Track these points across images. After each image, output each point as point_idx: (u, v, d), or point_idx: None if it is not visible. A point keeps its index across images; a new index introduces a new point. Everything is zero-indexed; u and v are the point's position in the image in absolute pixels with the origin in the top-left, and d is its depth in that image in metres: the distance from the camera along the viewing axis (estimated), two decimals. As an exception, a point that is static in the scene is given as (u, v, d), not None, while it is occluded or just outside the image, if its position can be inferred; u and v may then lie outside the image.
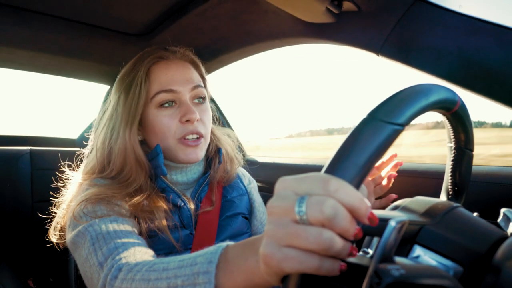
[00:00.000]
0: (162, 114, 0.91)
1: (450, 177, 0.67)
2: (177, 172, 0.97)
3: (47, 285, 1.72)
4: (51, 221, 0.95)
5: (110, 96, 1.00)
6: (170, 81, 0.92)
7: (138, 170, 0.89)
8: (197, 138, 0.93)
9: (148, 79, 0.92)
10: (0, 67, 1.36)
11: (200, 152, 0.94)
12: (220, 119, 1.64)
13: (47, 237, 0.94)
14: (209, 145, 1.03)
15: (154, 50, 0.98)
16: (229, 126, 1.73)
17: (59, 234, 0.93)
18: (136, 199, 0.85)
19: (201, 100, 0.97)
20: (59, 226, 0.93)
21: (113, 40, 1.28)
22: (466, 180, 0.66)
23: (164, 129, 0.91)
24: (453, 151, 0.65)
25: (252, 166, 1.44)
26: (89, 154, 1.00)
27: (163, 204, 0.89)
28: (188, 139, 0.91)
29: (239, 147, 1.19)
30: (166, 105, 0.92)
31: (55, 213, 0.95)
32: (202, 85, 0.98)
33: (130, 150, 0.89)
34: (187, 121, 0.91)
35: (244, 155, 1.23)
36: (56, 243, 0.93)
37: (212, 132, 1.05)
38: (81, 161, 1.20)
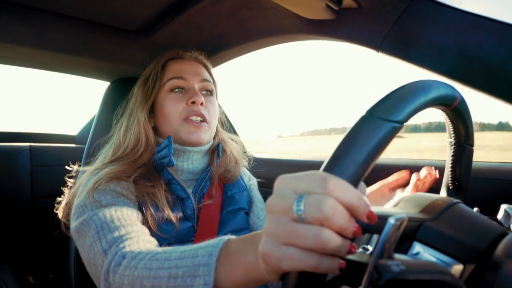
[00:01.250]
0: (171, 97, 1.00)
1: (450, 172, 0.67)
2: (183, 159, 1.01)
3: (47, 281, 1.72)
4: (50, 218, 0.96)
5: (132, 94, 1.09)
6: (182, 71, 1.02)
7: (145, 148, 0.97)
8: (201, 121, 0.99)
9: (164, 70, 1.03)
10: (0, 64, 1.36)
11: (203, 135, 0.99)
12: (226, 123, 1.66)
13: (50, 231, 0.95)
14: (214, 139, 1.09)
15: (170, 51, 1.09)
16: (233, 128, 1.73)
17: (64, 223, 0.95)
18: (140, 170, 0.93)
19: (209, 93, 1.05)
20: (64, 213, 0.96)
21: (113, 36, 1.28)
22: (466, 175, 0.66)
23: (172, 110, 0.98)
24: (453, 146, 0.65)
25: (253, 163, 1.44)
26: (106, 145, 1.06)
27: (164, 186, 0.94)
28: (192, 119, 0.97)
29: (244, 152, 1.22)
30: (176, 90, 1.01)
31: (57, 203, 0.99)
32: (211, 81, 1.07)
33: (143, 131, 0.98)
34: (193, 103, 0.98)
35: (247, 157, 1.24)
36: (61, 231, 0.96)
37: (218, 134, 1.13)
38: (80, 158, 1.20)
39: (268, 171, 1.59)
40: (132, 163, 0.93)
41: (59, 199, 1.01)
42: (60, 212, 0.97)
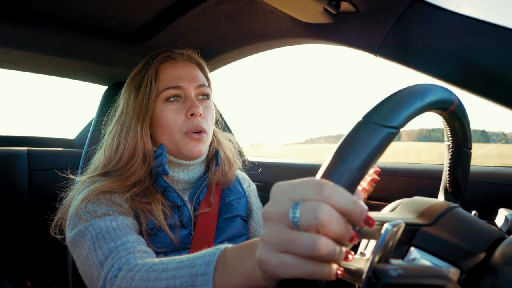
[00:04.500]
0: (168, 108, 0.95)
1: (448, 176, 0.67)
2: (179, 170, 0.99)
3: (45, 286, 1.71)
4: (48, 222, 0.96)
5: (120, 96, 1.04)
6: (177, 78, 0.97)
7: (141, 164, 0.92)
8: (200, 132, 0.96)
9: (157, 76, 0.97)
10: (-2, 68, 1.36)
11: (203, 147, 0.97)
12: (221, 122, 1.66)
13: (49, 235, 0.95)
14: (210, 146, 1.06)
15: (162, 51, 1.03)
16: (228, 129, 1.73)
17: (59, 232, 0.94)
18: (134, 190, 0.89)
19: (205, 97, 1.01)
20: (60, 222, 0.94)
21: (110, 40, 1.28)
22: (464, 178, 0.66)
23: (170, 123, 0.94)
24: (451, 149, 0.64)
25: (251, 166, 1.44)
26: (97, 152, 1.02)
27: (161, 198, 0.92)
28: (192, 133, 0.95)
29: (239, 152, 1.20)
30: (172, 99, 0.96)
31: (54, 208, 0.96)
32: (207, 84, 1.02)
33: (140, 145, 0.93)
34: (192, 115, 0.94)
35: (244, 159, 1.23)
36: (57, 240, 0.94)
37: (214, 135, 1.08)
38: (78, 162, 1.19)
39: (267, 175, 1.59)
40: (125, 180, 0.89)
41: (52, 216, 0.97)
42: (52, 231, 0.93)
